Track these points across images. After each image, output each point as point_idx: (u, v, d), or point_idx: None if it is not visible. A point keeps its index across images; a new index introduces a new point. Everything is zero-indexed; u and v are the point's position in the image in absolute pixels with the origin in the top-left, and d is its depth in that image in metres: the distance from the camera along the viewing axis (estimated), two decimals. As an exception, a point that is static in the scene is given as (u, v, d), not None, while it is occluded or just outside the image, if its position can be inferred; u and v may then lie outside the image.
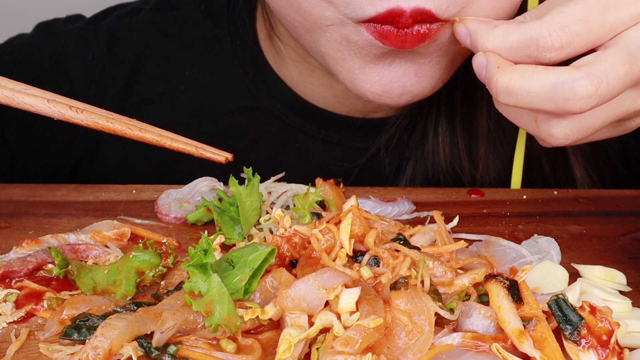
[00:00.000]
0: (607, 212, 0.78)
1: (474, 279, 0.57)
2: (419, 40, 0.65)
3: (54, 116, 0.63)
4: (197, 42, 0.94)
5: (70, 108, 0.62)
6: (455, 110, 0.86)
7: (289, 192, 0.75)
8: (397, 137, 0.89)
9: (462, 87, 0.86)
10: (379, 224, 0.63)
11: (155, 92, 0.94)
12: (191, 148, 0.63)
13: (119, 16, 0.97)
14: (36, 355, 0.52)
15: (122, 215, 0.74)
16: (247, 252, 0.55)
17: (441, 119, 0.86)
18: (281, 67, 0.91)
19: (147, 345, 0.51)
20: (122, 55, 0.94)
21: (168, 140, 0.63)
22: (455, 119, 0.86)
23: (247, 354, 0.52)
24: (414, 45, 0.66)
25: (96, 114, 0.64)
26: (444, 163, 0.87)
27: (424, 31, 0.65)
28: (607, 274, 0.62)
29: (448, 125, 0.86)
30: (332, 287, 0.51)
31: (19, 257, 0.63)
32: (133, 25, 0.96)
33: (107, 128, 0.63)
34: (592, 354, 0.51)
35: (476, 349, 0.52)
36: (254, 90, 0.92)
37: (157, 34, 0.95)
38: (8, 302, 0.58)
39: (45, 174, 0.94)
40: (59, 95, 0.66)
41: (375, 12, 0.64)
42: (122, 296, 0.59)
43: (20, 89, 0.64)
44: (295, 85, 0.91)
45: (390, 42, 0.66)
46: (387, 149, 0.90)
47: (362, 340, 0.48)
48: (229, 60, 0.93)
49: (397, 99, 0.72)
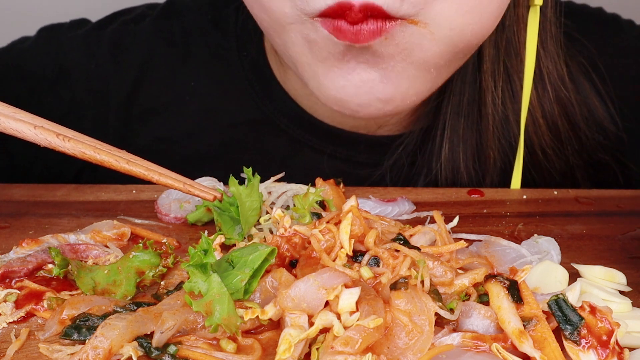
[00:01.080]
0: (607, 212, 0.78)
1: (474, 279, 0.57)
2: (374, 33, 0.64)
3: (41, 143, 0.63)
4: (203, 52, 0.93)
5: (57, 136, 0.62)
6: (460, 134, 0.85)
7: (289, 192, 0.75)
8: (403, 159, 0.88)
9: (467, 110, 0.85)
10: (379, 224, 0.63)
11: (159, 103, 0.93)
12: (179, 184, 0.62)
13: (123, 23, 0.96)
14: (36, 355, 0.52)
15: (122, 215, 0.74)
16: (247, 252, 0.55)
17: (445, 142, 0.85)
18: (285, 79, 0.90)
19: (147, 345, 0.51)
20: (126, 64, 0.93)
21: (156, 175, 0.62)
22: (459, 144, 0.85)
23: (247, 354, 0.52)
24: (368, 38, 0.64)
25: (84, 143, 0.63)
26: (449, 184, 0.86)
27: (378, 27, 0.64)
28: (607, 274, 0.62)
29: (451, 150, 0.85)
30: (332, 287, 0.51)
31: (19, 257, 0.63)
32: (138, 33, 0.94)
33: (94, 159, 0.63)
34: (592, 354, 0.51)
35: (476, 349, 0.52)
36: (260, 103, 0.91)
37: (163, 43, 0.94)
38: (8, 302, 0.58)
39: (46, 182, 0.94)
40: (48, 121, 0.65)
41: (325, 5, 0.64)
42: (122, 296, 0.59)
43: (8, 113, 0.63)
44: (299, 99, 0.90)
45: (344, 36, 0.65)
46: (393, 170, 0.89)
47: (362, 340, 0.48)
48: (235, 71, 0.92)
49: (365, 105, 0.71)
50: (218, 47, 0.93)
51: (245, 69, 0.92)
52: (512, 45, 0.82)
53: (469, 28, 0.67)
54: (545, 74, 0.85)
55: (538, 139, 0.87)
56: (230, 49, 0.92)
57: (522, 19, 0.81)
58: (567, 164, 0.89)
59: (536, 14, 0.81)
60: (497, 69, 0.83)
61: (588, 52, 0.89)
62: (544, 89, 0.85)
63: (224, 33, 0.93)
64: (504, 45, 0.82)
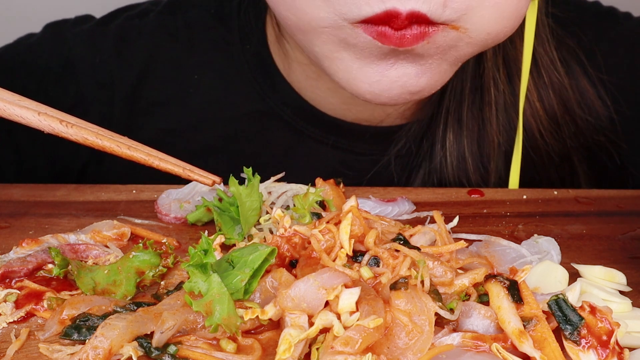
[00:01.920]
0: (607, 212, 0.78)
1: (474, 279, 0.57)
2: (417, 38, 0.66)
3: (44, 129, 0.63)
4: (206, 46, 0.94)
5: (60, 122, 0.62)
6: (463, 122, 0.87)
7: (289, 192, 0.75)
8: (407, 148, 0.89)
9: (469, 99, 0.86)
10: (379, 224, 0.63)
11: (164, 96, 0.94)
12: (178, 169, 0.63)
13: (128, 18, 0.96)
14: (36, 355, 0.52)
15: (122, 215, 0.74)
16: (247, 252, 0.55)
17: (448, 130, 0.87)
18: (289, 71, 0.91)
19: (147, 345, 0.51)
20: (130, 59, 0.94)
21: (156, 160, 0.63)
22: (462, 131, 0.87)
23: (247, 354, 0.52)
24: (412, 43, 0.66)
25: (86, 129, 0.63)
26: (452, 175, 0.87)
27: (421, 32, 0.65)
28: (607, 274, 0.62)
29: (455, 138, 0.87)
30: (332, 287, 0.51)
31: (19, 257, 0.63)
32: (142, 28, 0.95)
33: (96, 144, 0.63)
34: (592, 354, 0.51)
35: (476, 349, 0.52)
36: (263, 95, 0.92)
37: (167, 37, 0.94)
38: (8, 302, 0.58)
39: (52, 177, 0.94)
40: (52, 109, 0.65)
41: (372, 12, 0.64)
42: (122, 296, 0.59)
43: (13, 100, 0.63)
44: (302, 91, 0.91)
45: (389, 41, 0.66)
46: (397, 159, 0.90)
47: (362, 340, 0.48)
48: (238, 64, 0.92)
49: (395, 98, 0.72)
50: (221, 40, 0.94)
51: (249, 62, 0.92)
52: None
53: (503, 32, 0.70)
54: (539, 59, 0.87)
55: (536, 123, 0.89)
56: (234, 43, 0.93)
57: None
58: (564, 147, 0.91)
59: (535, 5, 0.82)
60: (497, 56, 0.86)
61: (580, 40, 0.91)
62: (539, 74, 0.88)
63: (227, 27, 0.94)
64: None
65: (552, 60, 0.88)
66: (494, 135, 0.87)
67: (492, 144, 0.87)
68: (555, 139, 0.90)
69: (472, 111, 0.87)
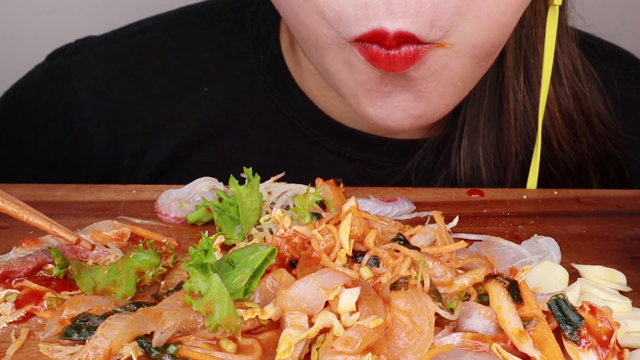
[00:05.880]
0: (607, 212, 0.78)
1: (474, 279, 0.57)
2: (408, 62, 0.66)
3: None
4: (217, 57, 0.92)
5: None
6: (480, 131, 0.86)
7: (289, 192, 0.75)
8: (427, 160, 0.89)
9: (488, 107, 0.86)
10: (378, 224, 0.63)
11: (175, 111, 0.92)
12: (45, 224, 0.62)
13: (130, 35, 0.95)
14: (36, 355, 0.52)
15: (122, 215, 0.74)
16: (247, 252, 0.55)
17: (464, 139, 0.87)
18: (302, 80, 0.90)
19: (147, 345, 0.51)
20: (136, 78, 0.92)
21: (26, 214, 0.63)
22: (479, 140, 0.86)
23: (247, 354, 0.52)
24: (403, 67, 0.66)
25: None
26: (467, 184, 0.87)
27: (412, 52, 0.66)
28: (607, 274, 0.62)
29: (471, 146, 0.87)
30: (332, 288, 0.51)
31: (19, 257, 0.63)
32: (147, 44, 0.94)
33: None
34: (592, 354, 0.51)
35: (476, 349, 0.52)
36: (279, 106, 0.91)
37: (173, 52, 0.93)
38: (8, 302, 0.58)
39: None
40: None
41: (359, 32, 0.65)
42: (122, 296, 0.59)
43: None
44: (316, 100, 0.90)
45: (379, 64, 0.66)
46: (416, 171, 0.89)
47: (362, 340, 0.48)
48: (252, 74, 0.91)
49: (400, 121, 0.73)
50: (233, 51, 0.92)
51: (264, 72, 0.91)
52: (531, 41, 0.84)
53: (489, 42, 0.70)
54: (562, 68, 0.87)
55: (555, 133, 0.88)
56: (248, 53, 0.92)
57: (540, 14, 0.83)
58: (582, 157, 0.91)
59: (555, 12, 0.82)
60: (518, 63, 0.86)
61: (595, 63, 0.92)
62: (560, 83, 0.87)
63: (241, 37, 0.93)
64: (524, 40, 0.84)
65: (577, 70, 0.88)
66: (511, 145, 0.87)
67: (509, 154, 0.87)
68: (573, 149, 0.90)
69: (490, 120, 0.87)
